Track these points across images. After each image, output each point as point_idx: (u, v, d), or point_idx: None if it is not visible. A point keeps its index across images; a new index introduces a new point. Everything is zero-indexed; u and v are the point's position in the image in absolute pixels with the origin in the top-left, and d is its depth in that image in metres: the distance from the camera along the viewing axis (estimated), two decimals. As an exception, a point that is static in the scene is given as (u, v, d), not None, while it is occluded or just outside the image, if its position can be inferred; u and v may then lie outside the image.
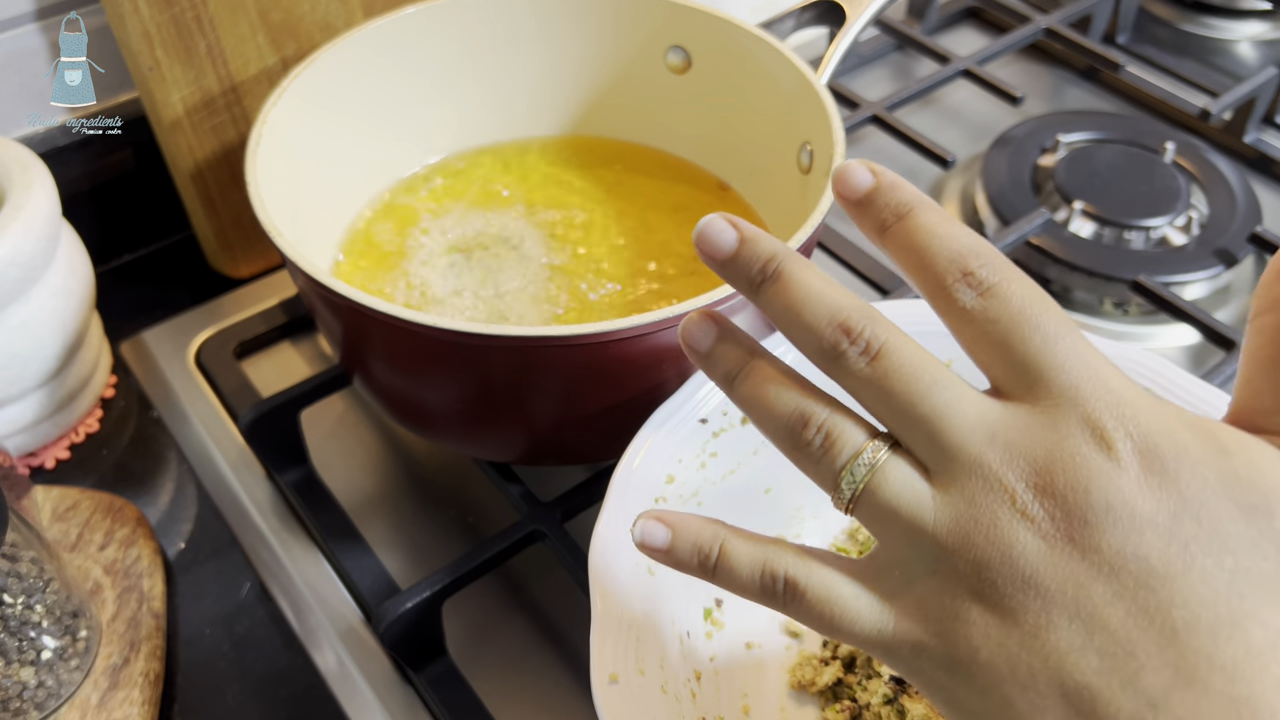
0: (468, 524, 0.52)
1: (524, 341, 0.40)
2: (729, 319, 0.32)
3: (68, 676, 0.43)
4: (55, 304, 0.50)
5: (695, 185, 0.60)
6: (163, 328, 0.61)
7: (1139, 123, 0.73)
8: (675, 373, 0.44)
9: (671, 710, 0.36)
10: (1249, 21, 0.85)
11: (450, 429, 0.49)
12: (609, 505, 0.39)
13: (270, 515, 0.52)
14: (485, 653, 0.47)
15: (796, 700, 0.42)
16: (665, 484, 0.42)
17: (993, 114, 0.76)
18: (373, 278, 0.54)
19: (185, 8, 0.53)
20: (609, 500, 0.40)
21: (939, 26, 0.85)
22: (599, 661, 0.35)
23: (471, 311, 0.52)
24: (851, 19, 0.55)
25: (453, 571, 0.45)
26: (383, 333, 0.43)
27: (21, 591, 0.41)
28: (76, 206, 0.56)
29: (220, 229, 0.61)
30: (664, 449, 0.42)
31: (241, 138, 0.59)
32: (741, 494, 0.44)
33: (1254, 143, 0.72)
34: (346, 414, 0.57)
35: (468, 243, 0.56)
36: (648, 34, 0.58)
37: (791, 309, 0.29)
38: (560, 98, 0.61)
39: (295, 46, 0.58)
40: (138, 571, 0.47)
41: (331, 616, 0.48)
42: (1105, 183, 0.67)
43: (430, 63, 0.58)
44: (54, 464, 0.54)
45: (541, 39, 0.59)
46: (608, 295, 0.53)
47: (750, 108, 0.56)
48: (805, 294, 0.29)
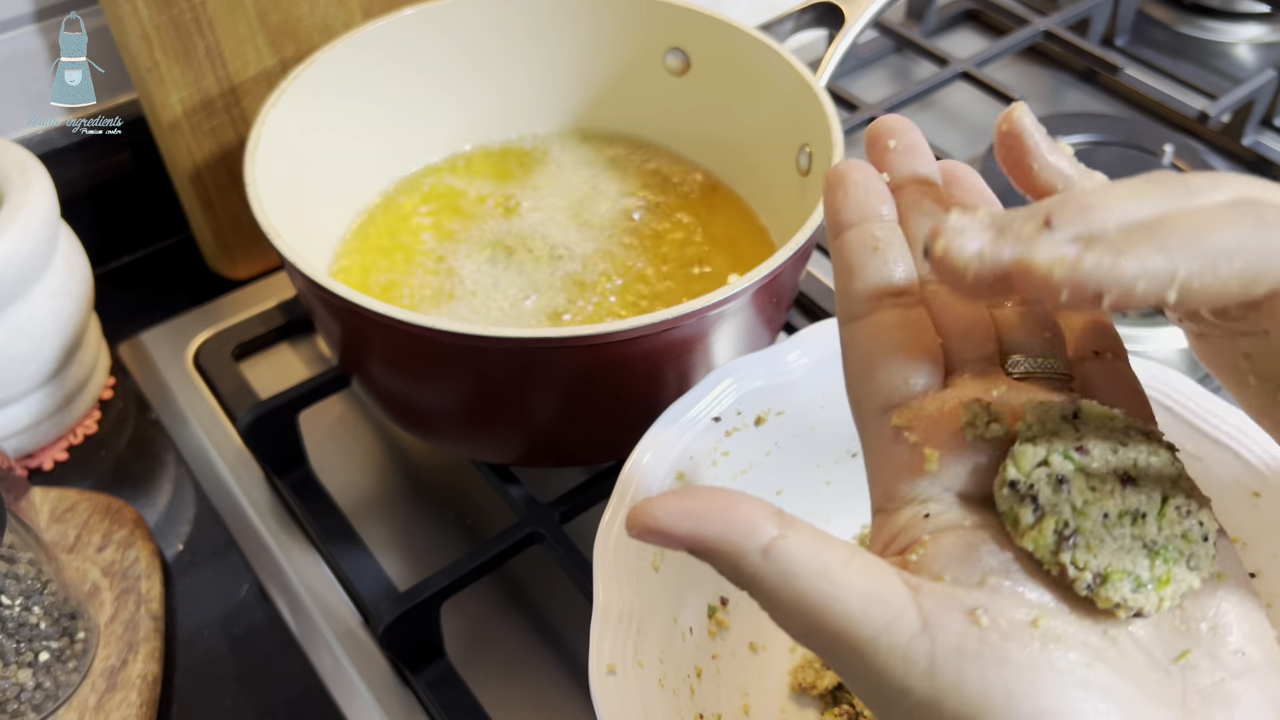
0: (466, 525, 0.52)
1: (523, 343, 0.40)
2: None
3: (65, 678, 0.43)
4: (53, 305, 0.50)
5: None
6: (161, 329, 0.60)
7: (1137, 125, 0.73)
8: (675, 375, 0.44)
9: (669, 704, 0.36)
10: (1247, 24, 0.86)
11: (449, 430, 0.49)
12: (616, 499, 0.40)
13: (268, 517, 0.52)
14: (484, 654, 0.47)
15: (797, 703, 0.42)
16: (675, 480, 0.42)
17: (991, 116, 0.76)
18: (371, 278, 0.54)
19: (184, 9, 0.53)
20: (617, 494, 0.40)
21: (938, 29, 0.85)
22: (598, 652, 0.35)
23: (470, 312, 0.52)
24: (850, 21, 0.55)
25: (451, 573, 0.45)
26: (381, 334, 0.43)
27: (19, 593, 0.41)
28: (75, 208, 0.56)
29: (219, 230, 0.61)
30: (675, 445, 0.42)
31: (240, 139, 0.59)
32: (752, 494, 0.44)
33: (1252, 145, 0.72)
34: (345, 415, 0.57)
35: (468, 243, 0.55)
36: (647, 36, 0.58)
37: None
38: (559, 101, 0.61)
39: (294, 48, 0.58)
40: (136, 573, 0.47)
41: (330, 618, 0.48)
42: (1104, 185, 0.67)
43: (429, 65, 0.58)
44: (52, 465, 0.54)
45: (540, 42, 0.59)
46: (608, 296, 0.53)
47: (749, 110, 0.56)
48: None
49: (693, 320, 0.41)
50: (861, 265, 0.29)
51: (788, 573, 0.24)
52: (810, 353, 0.45)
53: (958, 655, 0.22)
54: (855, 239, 0.29)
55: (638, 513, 0.25)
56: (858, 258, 0.29)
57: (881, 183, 0.30)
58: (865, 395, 0.28)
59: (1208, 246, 0.21)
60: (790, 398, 0.44)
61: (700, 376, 0.44)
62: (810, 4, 0.57)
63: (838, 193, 0.30)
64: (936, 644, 0.23)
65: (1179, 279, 0.21)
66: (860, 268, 0.29)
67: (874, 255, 0.29)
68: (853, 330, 0.29)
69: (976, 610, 0.23)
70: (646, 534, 0.25)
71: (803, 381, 0.44)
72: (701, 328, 0.43)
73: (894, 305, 0.28)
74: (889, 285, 0.28)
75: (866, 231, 0.29)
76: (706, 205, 0.58)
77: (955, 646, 0.23)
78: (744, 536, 0.24)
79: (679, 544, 0.25)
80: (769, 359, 0.44)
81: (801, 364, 0.44)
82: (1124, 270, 0.21)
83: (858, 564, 0.24)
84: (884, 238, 0.29)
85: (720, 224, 0.57)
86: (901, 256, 0.29)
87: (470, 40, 0.58)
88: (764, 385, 0.44)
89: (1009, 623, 0.23)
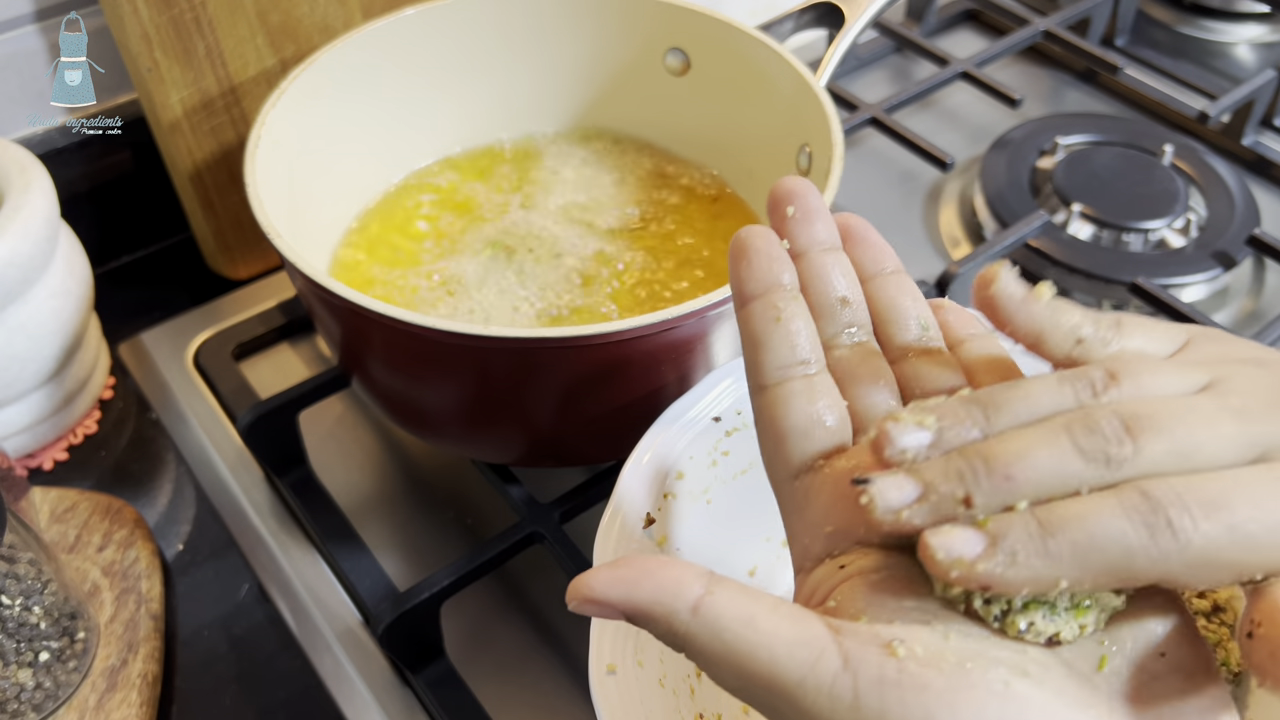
0: (466, 525, 0.52)
1: (523, 343, 0.40)
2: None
3: (66, 678, 0.43)
4: (54, 305, 0.50)
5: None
6: (161, 329, 0.60)
7: (1137, 125, 0.73)
8: (675, 375, 0.44)
9: (669, 704, 0.36)
10: (1247, 24, 0.86)
11: (449, 430, 0.49)
12: (617, 497, 0.40)
13: (269, 517, 0.52)
14: (484, 655, 0.47)
15: (796, 702, 0.42)
16: (675, 480, 0.42)
17: (991, 116, 0.76)
18: (371, 277, 0.54)
19: (184, 9, 0.53)
20: (617, 492, 0.40)
21: (938, 29, 0.85)
22: (598, 652, 0.35)
23: (470, 312, 0.52)
24: (850, 21, 0.55)
25: (451, 573, 0.45)
26: (381, 334, 0.43)
27: (20, 593, 0.41)
28: (75, 208, 0.56)
29: (219, 230, 0.61)
30: (675, 445, 0.42)
31: (240, 139, 0.59)
32: (751, 494, 0.44)
33: (1252, 145, 0.73)
34: (345, 415, 0.57)
35: (467, 243, 0.56)
36: (647, 36, 0.58)
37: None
38: (559, 101, 0.61)
39: (294, 48, 0.58)
40: (136, 573, 0.47)
41: (330, 618, 0.48)
42: (1104, 185, 0.67)
43: (429, 65, 0.58)
44: (52, 465, 0.54)
45: (540, 43, 0.59)
46: (608, 296, 0.53)
47: (749, 110, 0.56)
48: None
49: (693, 320, 0.41)
50: (766, 336, 0.30)
51: (716, 626, 0.24)
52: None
53: (879, 686, 0.23)
54: (759, 311, 0.30)
55: (576, 586, 0.26)
56: (762, 329, 0.30)
57: (782, 250, 0.31)
58: (777, 462, 0.29)
59: (1092, 560, 0.23)
60: (790, 398, 0.44)
61: (700, 376, 0.44)
62: (810, 4, 0.57)
63: (740, 263, 0.31)
64: (859, 678, 0.23)
65: (1061, 587, 0.24)
66: (765, 339, 0.30)
67: (777, 327, 0.30)
68: (761, 400, 0.30)
69: (893, 642, 0.24)
70: (585, 605, 0.26)
71: (803, 381, 0.44)
72: (701, 328, 0.43)
73: (799, 375, 0.30)
74: (793, 355, 0.30)
75: (769, 303, 0.30)
76: (706, 205, 0.58)
77: (876, 678, 0.23)
78: (674, 597, 0.25)
79: (616, 612, 0.26)
80: (769, 359, 0.44)
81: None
82: (1011, 580, 0.24)
83: (782, 612, 0.25)
84: (785, 309, 0.30)
85: (720, 224, 0.57)
86: (804, 326, 0.30)
87: (470, 40, 0.58)
88: (764, 385, 0.44)
89: (925, 650, 0.24)
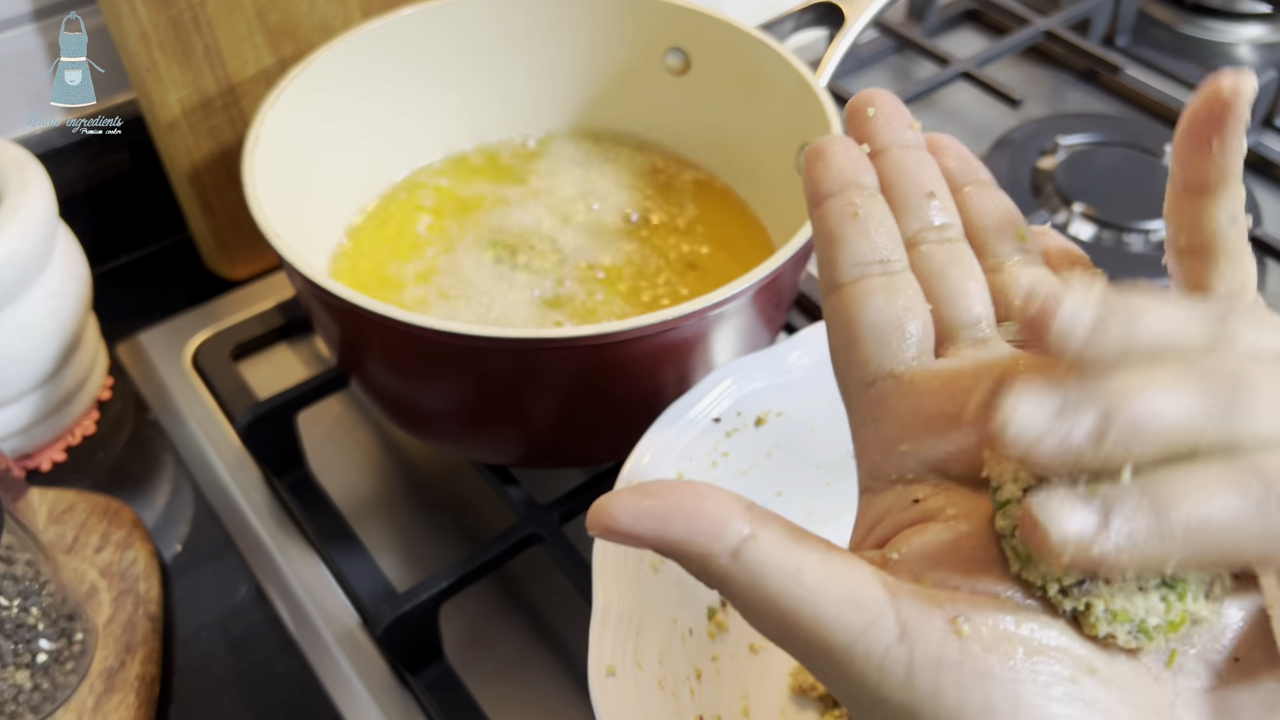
0: (465, 526, 0.52)
1: (523, 343, 0.40)
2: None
3: (63, 679, 0.42)
4: (51, 305, 0.50)
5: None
6: (159, 329, 0.60)
7: (1138, 125, 0.73)
8: (674, 375, 0.44)
9: (669, 706, 0.36)
10: (1248, 24, 0.85)
11: (448, 431, 0.49)
12: None
13: (267, 518, 0.52)
14: (483, 656, 0.47)
15: (797, 704, 0.42)
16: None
17: (992, 116, 0.76)
18: (370, 278, 0.54)
19: (183, 8, 0.53)
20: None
21: (938, 29, 0.85)
22: (597, 653, 0.35)
23: (470, 312, 0.52)
24: (851, 21, 0.55)
25: (450, 574, 0.45)
26: (380, 334, 0.43)
27: (17, 594, 0.41)
28: (73, 207, 0.56)
29: (217, 230, 0.61)
30: (674, 446, 0.41)
31: (239, 139, 0.59)
32: (751, 495, 0.44)
33: (1253, 146, 0.72)
34: (344, 416, 0.57)
35: (467, 242, 0.55)
36: (647, 36, 0.58)
37: None
38: (559, 100, 0.61)
39: (293, 47, 0.58)
40: (134, 574, 0.47)
41: (328, 619, 0.48)
42: (1105, 185, 0.67)
43: (428, 64, 0.57)
44: (50, 466, 0.54)
45: (539, 42, 0.59)
46: (608, 296, 0.53)
47: (749, 110, 0.56)
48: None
49: (693, 320, 0.41)
50: (842, 233, 0.27)
51: (759, 575, 0.22)
52: (810, 353, 0.44)
53: (936, 666, 0.21)
54: (834, 207, 0.28)
55: (597, 511, 0.23)
56: (837, 225, 0.27)
57: (861, 154, 0.29)
58: (850, 367, 0.27)
59: (1204, 541, 0.21)
60: (790, 398, 0.44)
61: (700, 377, 0.44)
62: (810, 4, 0.57)
63: (816, 165, 0.28)
64: (915, 654, 0.21)
65: (1169, 566, 0.21)
66: (841, 235, 0.27)
67: (854, 222, 0.27)
68: (835, 300, 0.27)
69: (958, 619, 0.22)
70: (608, 534, 0.23)
71: (803, 382, 0.44)
72: (701, 328, 0.43)
73: (878, 272, 0.27)
74: (872, 253, 0.27)
75: (846, 199, 0.28)
76: (706, 205, 0.58)
77: (934, 657, 0.21)
78: (711, 538, 0.23)
79: (642, 545, 0.23)
80: (769, 359, 0.44)
81: (802, 364, 0.44)
82: (1120, 563, 0.21)
83: (833, 564, 0.23)
84: (864, 204, 0.28)
85: (720, 224, 0.57)
86: (885, 222, 0.28)
87: (470, 40, 0.58)
88: (764, 386, 0.44)
89: (991, 632, 0.22)
